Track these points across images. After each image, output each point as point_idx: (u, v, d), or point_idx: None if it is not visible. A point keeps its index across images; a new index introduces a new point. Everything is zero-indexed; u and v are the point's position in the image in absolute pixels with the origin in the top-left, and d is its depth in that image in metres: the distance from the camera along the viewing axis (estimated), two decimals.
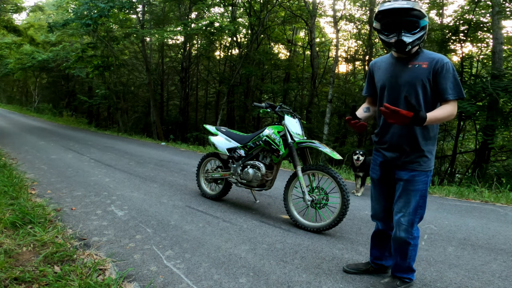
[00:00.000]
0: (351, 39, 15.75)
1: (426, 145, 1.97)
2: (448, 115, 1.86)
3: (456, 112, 1.87)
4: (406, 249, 2.03)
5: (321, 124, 11.73)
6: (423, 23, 1.87)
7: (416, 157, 1.98)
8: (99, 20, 10.81)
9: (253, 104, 3.66)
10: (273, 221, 3.30)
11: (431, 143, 1.99)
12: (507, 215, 3.82)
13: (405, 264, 2.07)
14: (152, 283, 2.07)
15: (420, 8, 1.85)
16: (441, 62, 1.87)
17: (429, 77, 1.89)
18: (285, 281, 2.18)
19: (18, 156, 6.00)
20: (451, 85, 1.85)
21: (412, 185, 1.99)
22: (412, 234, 2.01)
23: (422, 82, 1.90)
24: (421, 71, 1.90)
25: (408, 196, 2.00)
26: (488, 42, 8.20)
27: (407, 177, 2.00)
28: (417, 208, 2.00)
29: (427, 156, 1.97)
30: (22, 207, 3.02)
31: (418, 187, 1.98)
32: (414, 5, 1.85)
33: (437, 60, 1.88)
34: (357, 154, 4.41)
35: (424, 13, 1.86)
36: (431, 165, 2.01)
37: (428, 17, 1.90)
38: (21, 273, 2.00)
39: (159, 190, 4.26)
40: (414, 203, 1.99)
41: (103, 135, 11.81)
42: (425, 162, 1.98)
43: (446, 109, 1.85)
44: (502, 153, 8.45)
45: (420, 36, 1.88)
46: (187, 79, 16.34)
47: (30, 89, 29.06)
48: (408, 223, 2.00)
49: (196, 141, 12.73)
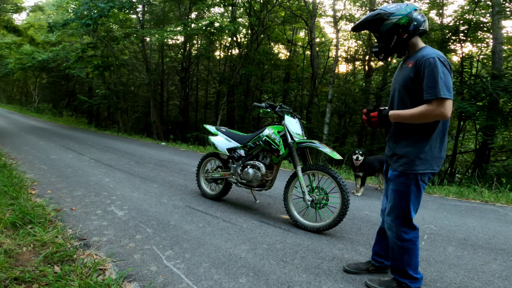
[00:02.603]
0: (351, 39, 15.74)
1: (404, 146, 1.91)
2: (417, 115, 1.78)
3: (436, 113, 1.73)
4: (395, 249, 2.01)
5: (321, 124, 11.73)
6: (385, 27, 1.87)
7: (397, 157, 1.95)
8: (99, 20, 10.81)
9: (253, 104, 3.66)
10: (273, 221, 3.30)
11: (411, 145, 1.89)
12: (507, 215, 3.82)
13: (399, 265, 2.02)
14: (152, 283, 2.07)
15: (375, 15, 1.87)
16: (423, 59, 1.77)
17: (412, 76, 1.83)
18: (285, 281, 2.18)
19: (18, 156, 6.00)
20: (427, 84, 1.75)
21: (393, 185, 1.98)
22: (399, 235, 1.97)
23: (406, 82, 1.86)
24: (407, 71, 1.87)
25: (391, 195, 2.00)
26: (488, 42, 8.20)
27: (389, 175, 2.02)
28: (398, 209, 1.96)
29: (405, 158, 1.90)
30: (22, 207, 3.02)
31: (398, 188, 1.95)
32: (367, 17, 1.90)
33: (420, 57, 1.80)
34: (357, 154, 4.39)
35: (382, 17, 1.86)
36: (416, 168, 1.88)
37: (398, 15, 1.84)
38: (21, 273, 2.00)
39: (159, 190, 4.26)
40: (395, 203, 1.97)
41: (103, 135, 11.81)
42: (405, 163, 1.90)
43: (416, 109, 1.79)
44: (502, 153, 8.44)
45: (388, 41, 1.89)
46: (187, 79, 16.35)
47: (30, 89, 29.07)
48: (391, 222, 2.00)
49: (196, 141, 12.73)
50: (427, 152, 1.87)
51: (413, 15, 1.84)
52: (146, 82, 14.87)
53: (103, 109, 21.75)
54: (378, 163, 4.51)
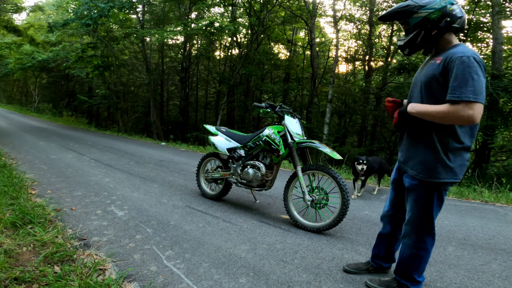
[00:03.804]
0: (351, 39, 15.75)
1: (423, 153, 1.75)
2: (439, 113, 1.61)
3: (463, 115, 1.54)
4: (408, 254, 1.94)
5: (321, 124, 11.73)
6: (414, 20, 1.70)
7: (415, 163, 1.80)
8: (99, 20, 10.82)
9: (253, 104, 3.66)
10: (273, 221, 3.30)
11: (432, 150, 1.73)
12: (507, 215, 3.82)
13: (405, 268, 1.98)
14: (152, 283, 2.07)
15: (404, 7, 1.71)
16: (454, 56, 1.60)
17: (438, 73, 1.67)
18: (285, 281, 2.18)
19: (18, 156, 6.00)
20: (455, 83, 1.58)
21: (413, 195, 1.84)
22: (418, 245, 1.89)
23: (429, 80, 1.71)
24: (433, 67, 1.71)
25: (411, 205, 1.87)
26: (488, 42, 8.21)
27: (408, 184, 1.86)
28: (420, 220, 1.84)
29: (425, 164, 1.75)
30: (22, 207, 3.02)
31: (419, 197, 1.81)
32: (395, 8, 1.74)
33: (451, 54, 1.63)
34: (361, 164, 4.10)
35: (412, 9, 1.70)
36: (440, 176, 1.72)
37: (430, 9, 1.67)
38: (21, 273, 2.00)
39: (159, 190, 4.26)
40: (416, 213, 1.85)
41: (103, 135, 11.81)
42: (425, 171, 1.75)
43: (439, 107, 1.62)
44: (502, 153, 8.45)
45: (414, 35, 1.73)
46: (187, 79, 16.35)
47: (30, 89, 29.08)
48: (411, 232, 1.89)
49: (196, 141, 12.74)
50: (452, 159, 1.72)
51: (447, 10, 1.64)
52: (146, 82, 14.88)
53: (103, 109, 21.77)
54: (377, 165, 4.48)
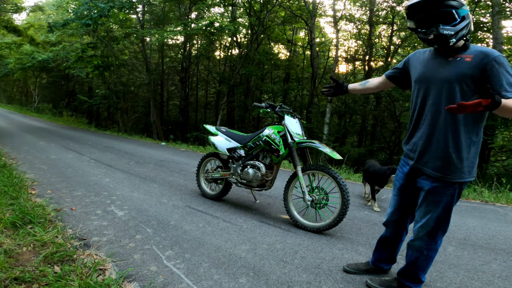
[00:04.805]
0: (351, 39, 15.76)
1: (448, 152, 1.71)
2: None
3: None
4: (418, 256, 1.92)
5: (321, 124, 11.73)
6: (463, 12, 1.64)
7: (438, 164, 1.76)
8: (99, 20, 10.81)
9: (253, 104, 3.66)
10: (273, 221, 3.30)
11: (468, 149, 1.70)
12: (507, 215, 3.82)
13: (412, 270, 1.97)
14: (152, 283, 2.07)
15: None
16: (492, 56, 1.60)
17: (474, 73, 1.63)
18: (285, 281, 2.18)
19: (18, 156, 6.00)
20: (509, 80, 1.55)
21: (433, 196, 1.81)
22: (430, 245, 1.87)
23: (462, 77, 1.65)
24: (464, 65, 1.65)
25: (430, 206, 1.83)
26: (488, 42, 8.21)
27: (428, 187, 1.81)
28: (440, 221, 1.82)
29: (456, 164, 1.72)
30: (22, 207, 3.02)
31: (441, 198, 1.78)
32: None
33: (486, 53, 1.61)
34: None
35: (461, 2, 1.64)
36: (463, 176, 1.73)
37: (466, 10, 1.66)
38: (21, 273, 2.00)
39: (159, 190, 4.26)
40: (436, 215, 1.81)
41: (103, 135, 11.81)
42: (454, 171, 1.73)
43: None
44: (502, 153, 8.45)
45: (463, 27, 1.65)
46: (187, 79, 16.36)
47: (30, 89, 29.08)
48: (425, 234, 1.86)
49: (196, 141, 12.74)
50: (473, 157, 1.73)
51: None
52: (146, 82, 14.88)
53: (103, 109, 21.78)
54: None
